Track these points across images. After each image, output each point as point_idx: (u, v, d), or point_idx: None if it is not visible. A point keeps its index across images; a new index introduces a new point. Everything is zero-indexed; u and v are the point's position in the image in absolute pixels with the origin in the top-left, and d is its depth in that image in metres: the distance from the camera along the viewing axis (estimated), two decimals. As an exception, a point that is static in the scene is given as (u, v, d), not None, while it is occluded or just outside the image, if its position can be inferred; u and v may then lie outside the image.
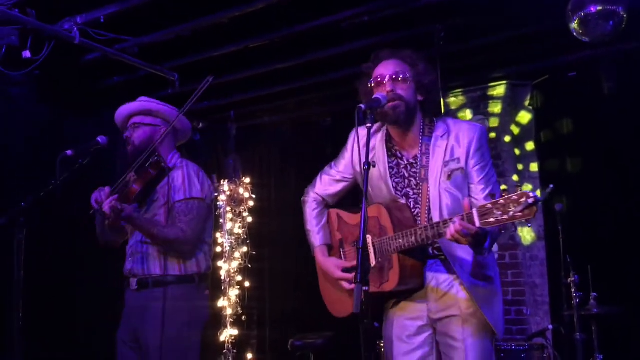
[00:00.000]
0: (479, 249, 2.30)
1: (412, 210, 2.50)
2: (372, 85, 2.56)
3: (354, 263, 2.52)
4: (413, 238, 2.33)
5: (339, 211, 2.82)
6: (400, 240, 2.36)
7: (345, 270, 2.62)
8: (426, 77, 2.57)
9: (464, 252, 2.43)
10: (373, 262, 2.47)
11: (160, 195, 3.24)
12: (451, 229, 2.16)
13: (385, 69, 2.54)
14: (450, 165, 2.47)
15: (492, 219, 2.07)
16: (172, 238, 3.18)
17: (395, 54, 2.59)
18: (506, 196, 2.04)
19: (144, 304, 3.18)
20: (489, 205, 2.08)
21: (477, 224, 2.10)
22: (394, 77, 2.50)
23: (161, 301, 3.15)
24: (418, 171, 2.53)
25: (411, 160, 2.56)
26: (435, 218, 2.41)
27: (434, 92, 2.64)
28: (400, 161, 2.58)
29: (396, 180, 2.56)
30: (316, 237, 2.79)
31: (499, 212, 2.05)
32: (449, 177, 2.46)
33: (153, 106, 3.39)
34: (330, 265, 2.69)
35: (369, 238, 2.48)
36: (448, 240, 2.21)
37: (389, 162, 2.58)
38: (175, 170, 3.29)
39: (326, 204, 2.86)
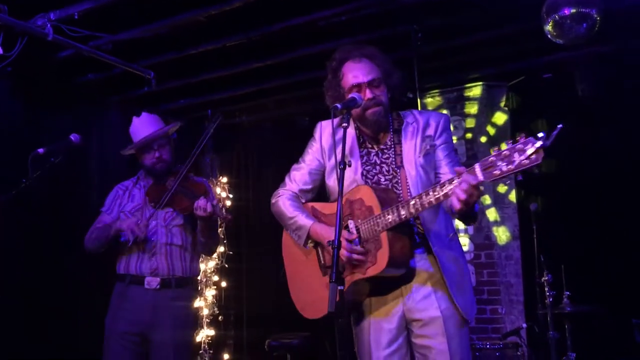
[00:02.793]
0: (471, 216, 2.30)
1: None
2: (345, 90, 2.55)
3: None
4: (405, 210, 2.27)
5: (313, 204, 2.74)
6: (390, 216, 2.31)
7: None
8: (393, 76, 2.60)
9: (440, 232, 2.46)
10: (360, 246, 2.38)
11: None
12: (458, 188, 2.10)
13: (361, 74, 2.52)
14: (426, 141, 2.53)
15: (496, 171, 2.03)
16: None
17: (363, 53, 2.58)
18: (510, 146, 2.01)
19: (163, 303, 3.36)
20: (492, 158, 2.05)
21: (481, 177, 2.07)
22: (374, 84, 2.52)
23: (185, 301, 3.44)
24: (391, 158, 2.54)
25: (382, 147, 2.59)
26: None
27: (399, 88, 2.65)
28: (370, 150, 2.60)
29: (366, 168, 2.57)
30: (305, 220, 2.60)
31: (504, 163, 2.01)
32: (425, 153, 2.51)
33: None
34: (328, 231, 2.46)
35: (351, 223, 2.43)
36: (457, 200, 2.12)
37: (359, 152, 2.60)
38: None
39: (299, 200, 2.76)
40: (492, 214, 5.57)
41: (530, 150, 1.95)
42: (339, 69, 2.59)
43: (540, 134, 1.94)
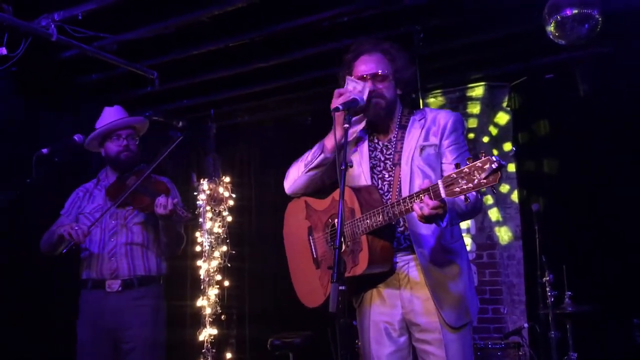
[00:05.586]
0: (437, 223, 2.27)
1: (385, 194, 2.50)
2: None
3: (324, 250, 2.55)
4: (380, 217, 2.30)
5: (306, 199, 2.77)
6: (368, 221, 2.35)
7: None
8: (405, 72, 2.62)
9: (428, 236, 2.44)
10: (343, 247, 2.38)
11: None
12: (417, 206, 2.15)
13: (367, 67, 2.56)
14: (426, 141, 2.51)
15: (457, 189, 2.04)
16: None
17: (376, 47, 2.61)
18: (470, 163, 2.02)
19: (129, 304, 3.31)
20: (454, 175, 2.05)
21: (443, 194, 2.08)
22: (378, 78, 2.54)
23: (150, 299, 3.37)
24: (392, 155, 2.56)
25: (386, 143, 2.61)
26: None
27: (412, 85, 2.68)
28: (377, 145, 2.63)
29: (373, 162, 2.60)
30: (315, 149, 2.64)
31: (464, 181, 2.02)
32: (421, 151, 2.49)
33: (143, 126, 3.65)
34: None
35: (337, 223, 2.47)
36: (417, 218, 2.18)
37: (369, 146, 2.62)
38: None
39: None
40: (494, 214, 5.58)
41: (488, 170, 1.97)
42: (352, 61, 2.63)
43: (494, 157, 1.97)
